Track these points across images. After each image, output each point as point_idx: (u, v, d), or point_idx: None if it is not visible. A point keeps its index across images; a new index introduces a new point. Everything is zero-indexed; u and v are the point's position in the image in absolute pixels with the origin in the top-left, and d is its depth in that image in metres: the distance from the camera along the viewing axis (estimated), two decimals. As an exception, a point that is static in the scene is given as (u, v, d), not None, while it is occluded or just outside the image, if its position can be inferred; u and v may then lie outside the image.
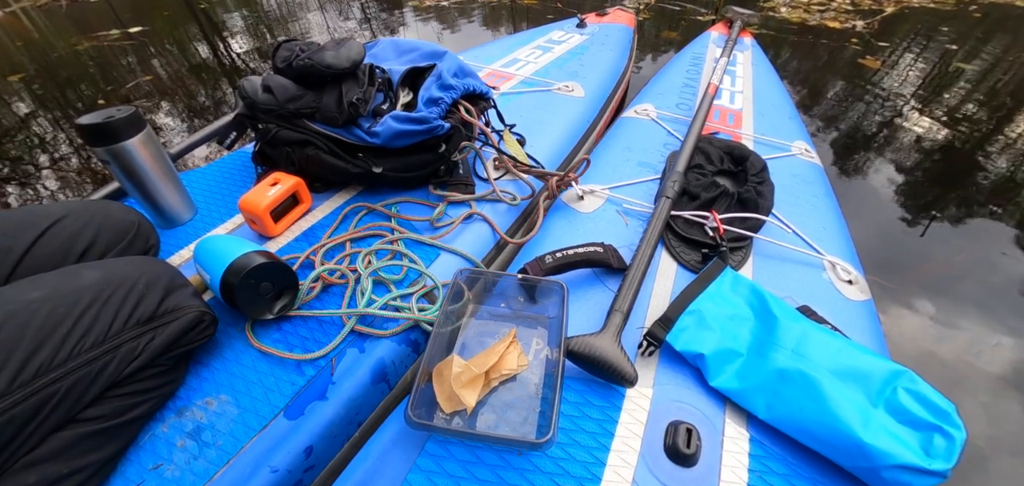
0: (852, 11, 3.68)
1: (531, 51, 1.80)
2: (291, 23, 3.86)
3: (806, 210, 1.07)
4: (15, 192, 1.80)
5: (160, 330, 0.65)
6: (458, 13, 3.77)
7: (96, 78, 2.81)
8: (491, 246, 0.97)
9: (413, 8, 3.89)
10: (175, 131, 2.21)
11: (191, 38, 3.51)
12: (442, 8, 3.87)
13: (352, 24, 3.83)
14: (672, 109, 1.47)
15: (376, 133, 0.90)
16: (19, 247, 0.68)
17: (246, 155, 1.19)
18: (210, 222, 1.02)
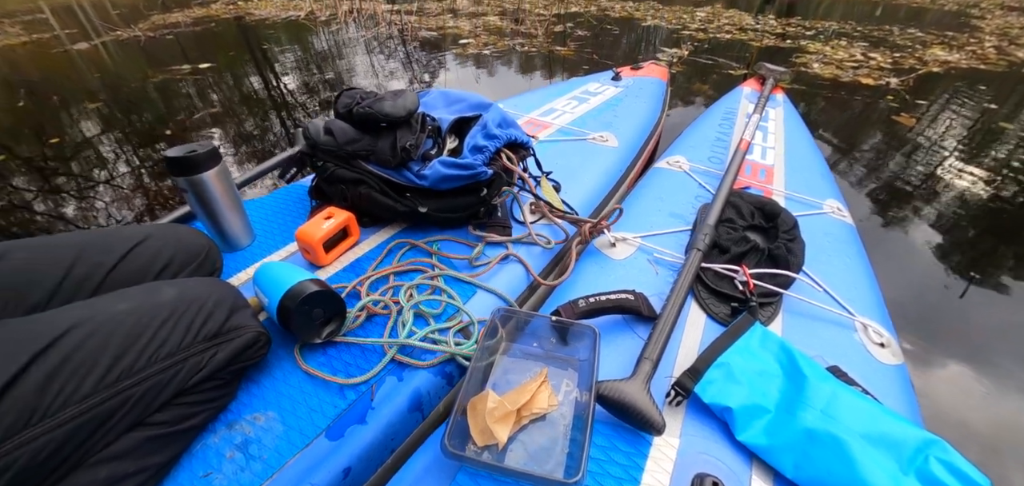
0: (887, 69, 3.65)
1: (568, 102, 1.86)
2: (339, 60, 4.10)
3: (838, 269, 1.07)
4: (96, 205, 1.94)
5: (223, 346, 0.70)
6: (496, 60, 3.92)
7: (171, 108, 3.04)
8: (524, 286, 1.00)
9: (455, 55, 4.06)
10: (232, 159, 2.36)
11: (250, 75, 3.76)
12: (482, 56, 4.03)
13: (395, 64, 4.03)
14: (704, 162, 1.49)
15: (424, 176, 0.96)
16: (109, 262, 0.75)
17: (302, 188, 1.27)
18: (267, 248, 1.08)
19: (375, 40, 4.58)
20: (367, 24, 5.19)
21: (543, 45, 4.18)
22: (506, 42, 4.29)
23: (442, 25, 4.94)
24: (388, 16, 5.40)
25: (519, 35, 4.48)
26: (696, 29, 4.77)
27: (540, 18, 5.11)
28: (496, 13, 5.50)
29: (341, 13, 5.69)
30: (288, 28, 5.33)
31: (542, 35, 4.43)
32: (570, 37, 4.42)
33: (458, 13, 5.50)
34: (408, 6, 6.06)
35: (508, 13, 5.45)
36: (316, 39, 4.80)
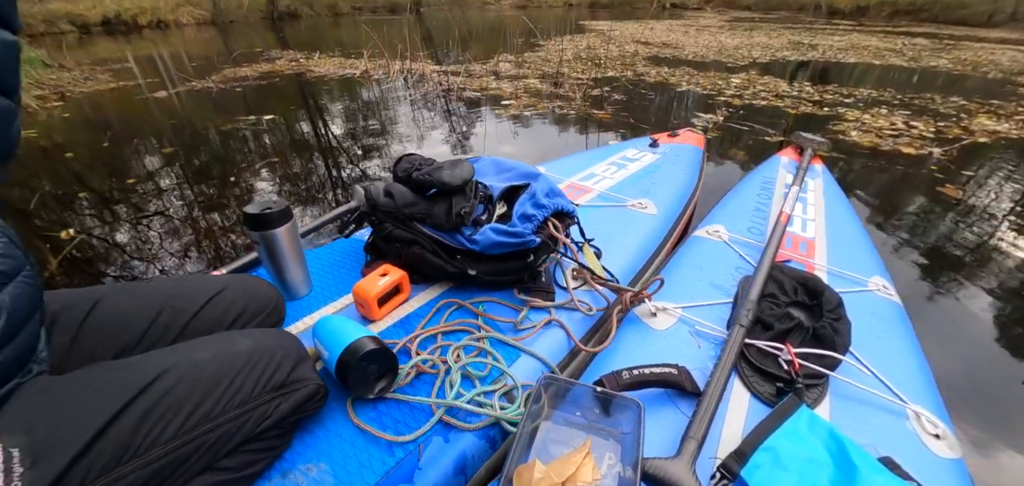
0: (930, 138, 3.57)
1: (607, 167, 1.91)
2: (377, 105, 4.35)
3: (886, 351, 1.03)
4: (168, 245, 2.09)
5: (287, 397, 0.74)
6: (536, 121, 4.06)
7: (237, 154, 3.27)
8: (566, 352, 1.01)
9: (497, 114, 4.24)
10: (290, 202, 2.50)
11: (308, 127, 4.02)
12: (523, 116, 4.18)
13: (439, 119, 4.22)
14: (743, 233, 1.49)
15: (476, 241, 1.01)
16: (190, 311, 0.82)
17: (357, 242, 1.34)
18: (324, 298, 1.14)
19: (423, 98, 4.83)
20: (416, 83, 5.49)
21: (581, 108, 4.31)
22: (545, 104, 4.44)
23: (485, 86, 5.17)
24: (436, 76, 5.70)
25: (558, 98, 4.64)
26: (731, 95, 4.82)
27: (578, 82, 5.29)
28: (536, 76, 5.72)
29: (392, 72, 6.05)
30: (344, 85, 5.70)
31: (580, 98, 4.57)
32: (607, 101, 4.55)
33: (500, 75, 5.76)
34: (454, 67, 6.39)
35: (547, 76, 5.66)
36: (369, 94, 5.11)
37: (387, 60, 6.58)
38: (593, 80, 5.08)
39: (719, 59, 7.55)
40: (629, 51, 8.34)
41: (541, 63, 6.74)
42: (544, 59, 7.11)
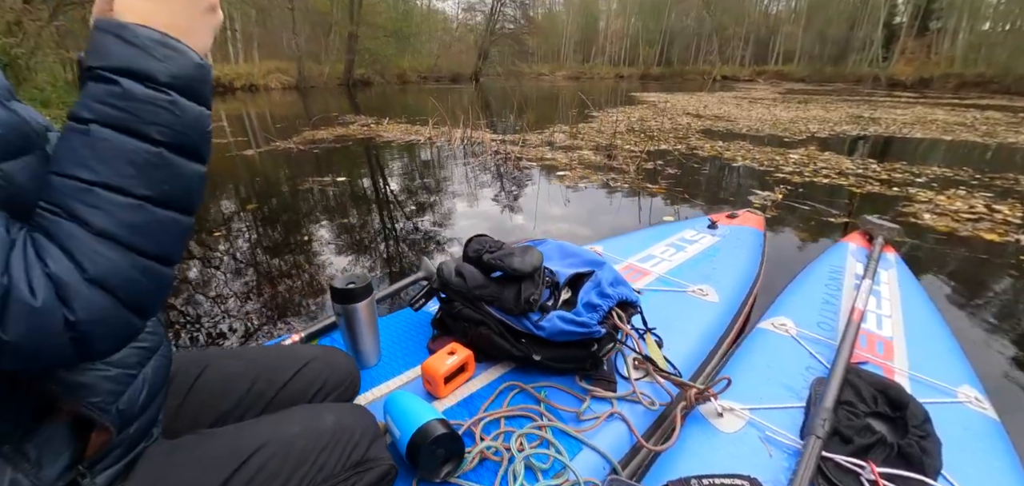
0: (1017, 223, 3.29)
1: (665, 248, 1.91)
2: (439, 170, 4.57)
3: (983, 477, 0.94)
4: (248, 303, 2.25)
5: (362, 475, 0.76)
6: (591, 192, 4.12)
7: (312, 212, 3.53)
8: (628, 447, 0.99)
9: (553, 184, 4.34)
10: (354, 263, 2.64)
11: (375, 189, 4.29)
12: (578, 187, 4.26)
13: (494, 183, 4.38)
14: (813, 328, 1.42)
15: (543, 327, 1.03)
16: (280, 381, 0.88)
17: (425, 316, 1.40)
18: (391, 369, 1.19)
19: (482, 166, 5.05)
20: (476, 150, 5.77)
21: (635, 181, 4.35)
22: (599, 177, 4.51)
23: (541, 156, 5.35)
24: (494, 145, 5.96)
25: (612, 170, 4.71)
26: (790, 171, 4.70)
27: (631, 155, 5.36)
28: (590, 148, 5.86)
29: (454, 139, 6.39)
30: (409, 150, 6.08)
31: (634, 171, 4.62)
32: (660, 174, 4.56)
33: (555, 146, 5.95)
34: (512, 136, 6.67)
35: (601, 148, 5.78)
36: (432, 160, 5.41)
37: (449, 128, 6.97)
38: (646, 153, 5.14)
39: (774, 133, 7.44)
40: (682, 124, 8.41)
41: (594, 134, 6.91)
42: (597, 130, 7.29)
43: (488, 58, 37.38)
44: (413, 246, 2.98)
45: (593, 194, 4.02)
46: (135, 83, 0.42)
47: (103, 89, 0.42)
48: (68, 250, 0.39)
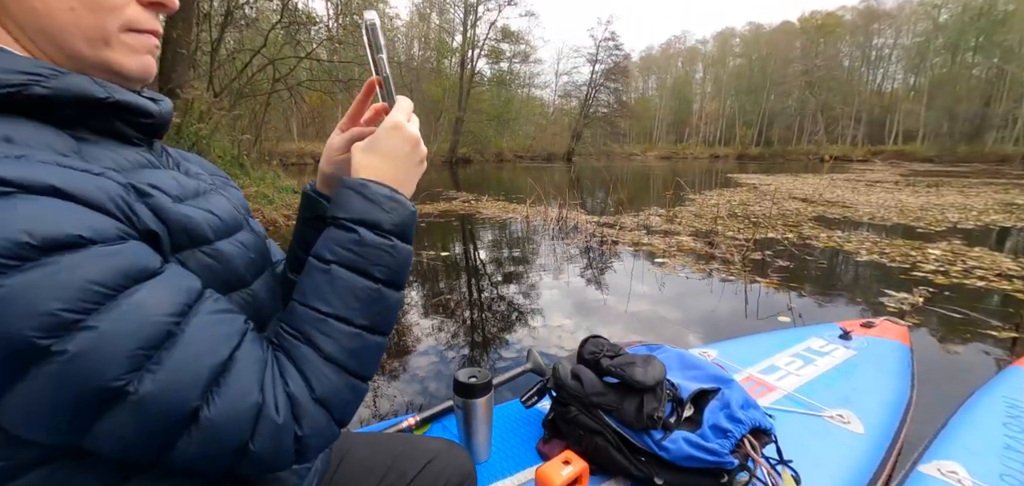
0: None
1: (790, 359, 1.72)
2: (537, 251, 4.63)
3: None
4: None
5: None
6: (693, 283, 3.92)
7: (420, 287, 3.77)
8: None
9: (652, 273, 4.21)
10: (454, 340, 2.73)
11: (478, 266, 4.47)
12: (679, 277, 4.09)
13: (592, 266, 4.34)
14: (994, 480, 1.16)
15: (666, 448, 0.96)
16: (410, 474, 0.91)
17: (535, 413, 1.39)
18: (502, 468, 1.17)
19: (579, 247, 5.08)
20: (571, 232, 5.84)
21: (742, 273, 4.07)
22: (701, 266, 4.30)
23: (638, 240, 5.25)
24: (590, 227, 6.00)
25: (714, 259, 4.47)
26: (931, 270, 4.09)
27: (735, 243, 5.06)
28: (688, 233, 5.64)
29: (549, 219, 6.55)
30: (506, 227, 6.34)
31: (739, 262, 4.34)
32: (770, 267, 4.23)
33: (652, 230, 5.82)
34: (607, 218, 6.68)
35: (701, 234, 5.54)
36: (529, 239, 5.56)
37: (545, 208, 7.18)
38: (752, 241, 4.81)
39: (904, 222, 6.61)
40: (790, 209, 7.82)
41: (693, 219, 6.67)
42: (696, 214, 7.03)
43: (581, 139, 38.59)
44: (510, 325, 3.01)
45: (695, 285, 3.81)
46: (368, 232, 0.50)
47: (344, 236, 0.49)
48: (303, 372, 0.46)
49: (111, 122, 0.45)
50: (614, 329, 2.97)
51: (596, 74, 39.65)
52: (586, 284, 3.90)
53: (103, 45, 0.43)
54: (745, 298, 3.51)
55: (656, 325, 3.05)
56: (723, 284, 3.81)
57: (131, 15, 0.44)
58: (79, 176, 0.36)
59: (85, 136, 0.43)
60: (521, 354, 2.65)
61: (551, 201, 7.47)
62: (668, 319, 3.15)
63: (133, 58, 0.45)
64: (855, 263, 4.45)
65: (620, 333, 2.93)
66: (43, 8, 0.40)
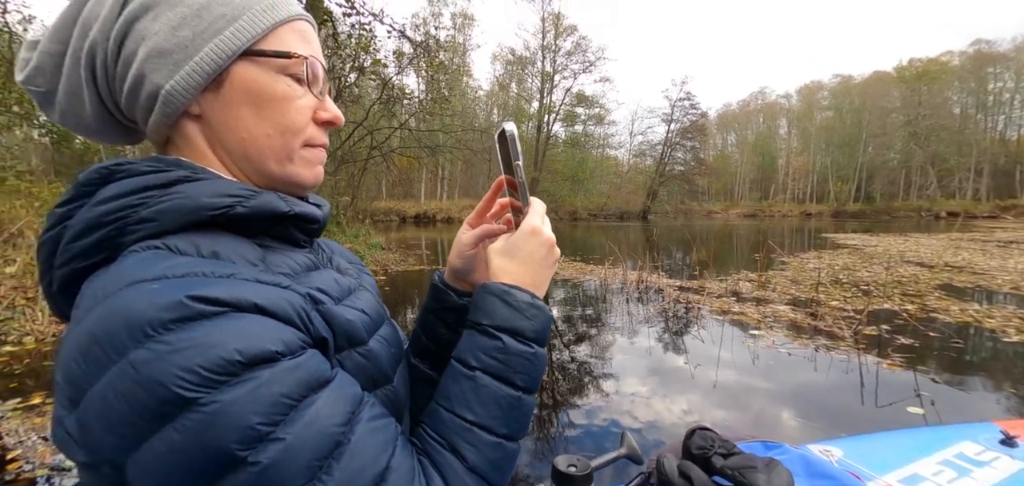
0: None
1: (938, 468, 1.44)
2: (605, 307, 4.42)
3: None
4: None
5: None
6: (795, 360, 3.53)
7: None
8: None
9: (745, 346, 3.88)
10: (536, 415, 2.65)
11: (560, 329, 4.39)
12: (778, 352, 3.72)
13: (669, 330, 4.08)
14: None
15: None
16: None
17: (634, 507, 1.28)
18: (602, 570, 1.08)
19: (662, 313, 4.83)
20: (652, 296, 5.59)
21: (854, 350, 3.60)
22: (804, 339, 3.88)
23: (727, 308, 4.88)
24: (670, 290, 5.71)
25: (818, 332, 4.02)
26: (1107, 357, 3.34)
27: (841, 314, 4.52)
28: (785, 302, 5.14)
29: (628, 282, 6.34)
30: (582, 289, 6.22)
31: (850, 337, 3.86)
32: (889, 345, 3.70)
33: (742, 297, 5.40)
34: (691, 282, 6.33)
35: (800, 303, 5.04)
36: (606, 303, 5.40)
37: (623, 270, 6.98)
38: (865, 313, 4.25)
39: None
40: (905, 275, 6.90)
41: (788, 284, 6.10)
42: (792, 280, 6.43)
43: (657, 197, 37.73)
44: (592, 395, 2.88)
45: (796, 361, 3.42)
46: (512, 339, 0.49)
47: (488, 343, 0.49)
48: (446, 480, 0.45)
49: (288, 230, 0.50)
50: (704, 406, 2.73)
51: (671, 133, 39.12)
52: (672, 354, 3.66)
53: (288, 162, 0.48)
54: (860, 379, 3.07)
55: (753, 406, 2.76)
56: (831, 361, 3.39)
57: (309, 134, 0.49)
58: (274, 292, 0.39)
59: (268, 243, 0.48)
60: (604, 426, 2.51)
61: (629, 262, 7.26)
62: (767, 400, 2.83)
63: (309, 170, 0.51)
64: (1002, 344, 3.76)
65: (711, 411, 2.68)
66: (249, 137, 0.47)
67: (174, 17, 0.43)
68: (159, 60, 0.43)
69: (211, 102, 0.45)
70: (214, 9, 0.44)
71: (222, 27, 0.44)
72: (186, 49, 0.43)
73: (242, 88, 0.45)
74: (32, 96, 0.46)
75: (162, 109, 0.44)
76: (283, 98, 0.47)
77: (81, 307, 0.37)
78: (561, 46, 34.53)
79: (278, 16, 0.46)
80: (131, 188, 0.41)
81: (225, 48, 0.44)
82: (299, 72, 0.47)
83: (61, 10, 0.45)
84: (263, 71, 0.46)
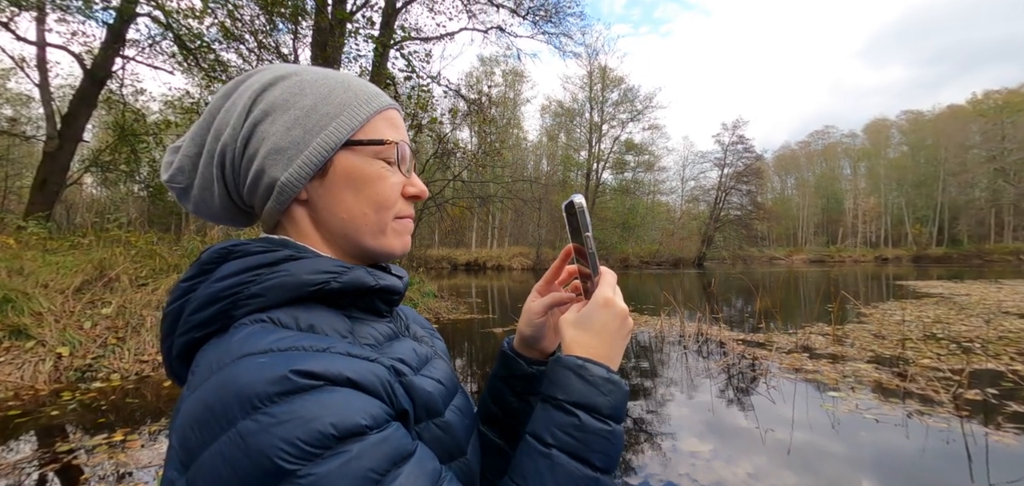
0: None
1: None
2: (676, 373, 4.14)
3: None
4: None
5: None
6: (881, 421, 3.13)
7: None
8: None
9: (823, 408, 3.51)
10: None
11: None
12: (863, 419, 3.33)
13: (734, 388, 3.75)
14: None
15: None
16: None
17: None
18: None
19: (726, 370, 4.50)
20: (713, 350, 5.24)
21: (955, 417, 3.15)
22: (892, 403, 3.45)
23: (799, 365, 4.45)
24: (735, 345, 5.33)
25: (910, 395, 3.56)
26: None
27: (936, 374, 4.00)
28: (866, 359, 4.63)
29: (687, 334, 6.01)
30: (636, 339, 5.95)
31: (949, 401, 3.39)
32: (999, 411, 3.20)
33: (815, 353, 4.93)
34: (755, 336, 5.90)
35: (884, 362, 4.52)
36: (664, 357, 5.12)
37: (680, 321, 6.63)
38: (966, 375, 3.72)
39: None
40: (1013, 329, 6.04)
41: (869, 338, 5.51)
42: (874, 334, 5.80)
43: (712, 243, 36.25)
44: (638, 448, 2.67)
45: (886, 430, 3.00)
46: (589, 416, 0.48)
47: (564, 419, 0.48)
48: None
49: (373, 301, 0.53)
50: (773, 471, 2.46)
51: (725, 177, 37.89)
52: (736, 412, 3.36)
53: (381, 235, 0.53)
54: (967, 452, 2.66)
55: (831, 475, 2.45)
56: (927, 429, 2.96)
57: (399, 208, 0.54)
58: (363, 365, 0.41)
59: (355, 315, 0.51)
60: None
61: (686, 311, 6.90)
62: (851, 468, 2.51)
63: (399, 240, 0.55)
64: None
65: (782, 476, 2.42)
66: (348, 217, 0.51)
67: (288, 119, 0.49)
68: (276, 157, 0.49)
69: (317, 188, 0.51)
70: (320, 109, 0.50)
71: (326, 124, 0.49)
72: (298, 145, 0.49)
73: (343, 174, 0.50)
74: (172, 191, 0.54)
75: (277, 198, 0.50)
76: (377, 179, 0.51)
77: (197, 374, 0.40)
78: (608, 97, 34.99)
79: (372, 108, 0.52)
80: (245, 267, 0.46)
81: (329, 142, 0.49)
82: (390, 155, 0.52)
83: (198, 119, 0.53)
84: (361, 158, 0.51)
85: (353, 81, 0.53)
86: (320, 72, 0.53)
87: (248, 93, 0.50)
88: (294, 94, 0.50)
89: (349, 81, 0.53)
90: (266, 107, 0.49)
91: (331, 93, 0.51)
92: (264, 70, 0.52)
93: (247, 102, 0.49)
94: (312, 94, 0.50)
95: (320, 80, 0.51)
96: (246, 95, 0.50)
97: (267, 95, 0.50)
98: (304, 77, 0.51)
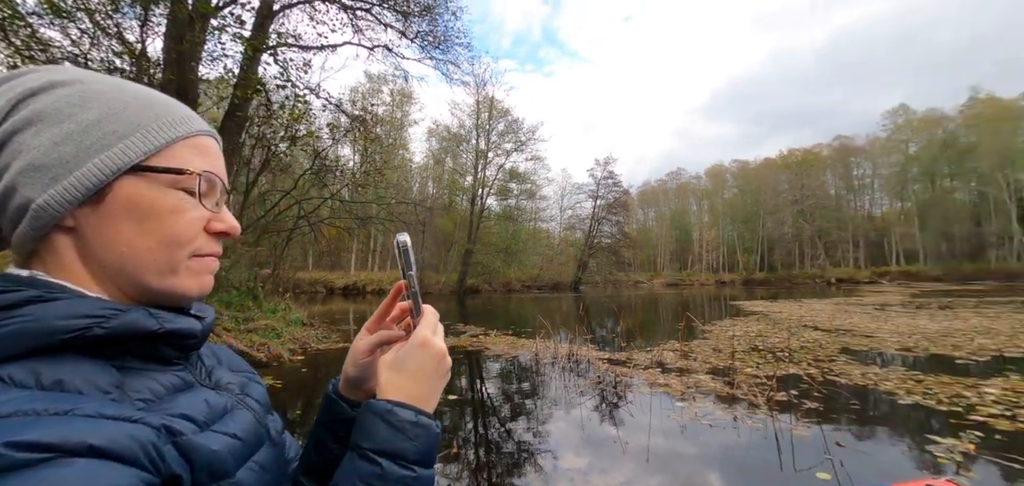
0: None
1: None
2: (537, 385, 4.31)
3: None
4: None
5: None
6: (715, 426, 3.58)
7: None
8: None
9: (671, 418, 3.89)
10: None
11: (480, 410, 4.17)
12: (700, 425, 3.76)
13: (598, 405, 4.01)
14: None
15: None
16: None
17: None
18: None
19: (592, 386, 4.79)
20: (582, 369, 5.56)
21: (769, 416, 3.74)
22: (725, 408, 3.98)
23: (653, 380, 4.93)
24: (602, 364, 5.72)
25: (736, 401, 4.15)
26: (991, 413, 3.67)
27: (755, 381, 4.74)
28: (706, 371, 5.32)
29: (560, 355, 6.30)
30: (515, 363, 6.08)
31: (764, 404, 4.02)
32: (798, 410, 3.88)
33: (666, 368, 5.52)
34: (618, 354, 6.41)
35: (719, 372, 5.23)
36: (538, 378, 5.29)
37: (554, 343, 6.95)
38: (775, 379, 4.46)
39: (937, 351, 6.24)
40: (809, 340, 7.49)
41: (710, 353, 6.36)
42: (713, 348, 6.71)
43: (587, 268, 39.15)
44: (520, 469, 2.69)
45: (720, 433, 3.45)
46: (392, 463, 0.46)
47: (367, 469, 0.46)
48: None
49: (156, 348, 0.46)
50: (639, 477, 2.72)
51: (598, 208, 41.52)
52: (606, 426, 3.60)
53: (170, 274, 0.46)
54: (777, 446, 3.16)
55: (683, 474, 2.77)
56: (751, 430, 3.47)
57: (198, 244, 0.48)
58: (117, 429, 0.35)
59: (130, 365, 0.44)
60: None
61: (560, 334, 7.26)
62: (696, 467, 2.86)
63: (195, 281, 0.48)
64: (897, 405, 4.05)
65: (646, 481, 2.69)
66: (129, 251, 0.44)
67: (58, 133, 0.42)
68: (34, 174, 0.41)
69: (87, 216, 0.43)
70: (105, 125, 0.43)
71: (111, 143, 0.43)
72: (67, 164, 0.42)
73: (124, 202, 0.44)
74: None
75: (31, 223, 0.42)
76: (171, 212, 0.45)
77: None
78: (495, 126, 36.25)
79: (177, 133, 0.46)
80: None
81: (111, 164, 0.43)
82: (191, 186, 0.47)
83: None
84: (151, 186, 0.45)
85: (158, 100, 0.47)
86: (116, 84, 0.46)
87: (8, 96, 0.42)
88: (73, 105, 0.43)
89: (152, 99, 0.47)
90: (30, 115, 0.42)
91: (125, 109, 0.44)
92: (37, 71, 0.44)
93: (3, 107, 0.42)
94: (98, 108, 0.43)
95: (112, 93, 0.45)
96: (4, 98, 0.42)
97: (34, 102, 0.42)
98: (90, 87, 0.44)
